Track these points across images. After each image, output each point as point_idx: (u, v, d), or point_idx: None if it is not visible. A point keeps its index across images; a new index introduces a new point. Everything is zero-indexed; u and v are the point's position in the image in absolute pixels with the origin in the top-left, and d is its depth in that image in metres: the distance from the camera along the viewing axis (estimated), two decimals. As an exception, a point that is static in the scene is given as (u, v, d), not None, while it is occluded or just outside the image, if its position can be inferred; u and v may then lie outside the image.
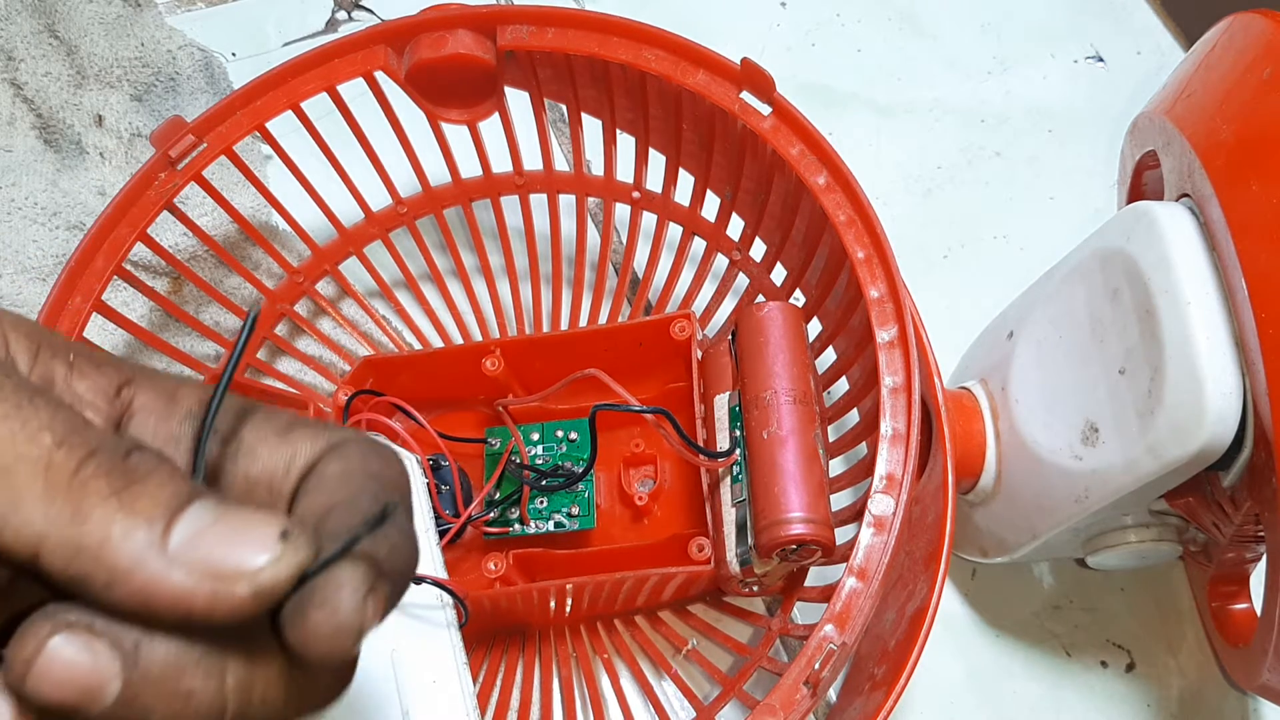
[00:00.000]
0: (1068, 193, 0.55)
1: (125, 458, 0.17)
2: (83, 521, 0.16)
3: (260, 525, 0.17)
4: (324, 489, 0.19)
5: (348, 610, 0.17)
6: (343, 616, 0.17)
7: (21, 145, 0.51)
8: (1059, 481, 0.38)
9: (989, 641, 0.46)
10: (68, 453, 0.16)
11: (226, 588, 0.16)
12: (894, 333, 0.36)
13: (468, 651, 0.34)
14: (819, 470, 0.36)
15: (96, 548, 0.16)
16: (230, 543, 0.16)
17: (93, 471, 0.17)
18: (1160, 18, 0.60)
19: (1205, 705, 0.45)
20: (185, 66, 0.53)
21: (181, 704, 0.17)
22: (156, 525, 0.16)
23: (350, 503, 0.19)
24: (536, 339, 0.44)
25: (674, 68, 0.40)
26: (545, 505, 0.41)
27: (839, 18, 0.59)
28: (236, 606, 0.16)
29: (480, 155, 0.47)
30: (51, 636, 0.16)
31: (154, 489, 0.17)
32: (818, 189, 0.38)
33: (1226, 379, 0.32)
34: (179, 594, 0.16)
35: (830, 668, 0.31)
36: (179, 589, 0.16)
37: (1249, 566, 0.42)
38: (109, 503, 0.16)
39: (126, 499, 0.16)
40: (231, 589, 0.16)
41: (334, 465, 0.19)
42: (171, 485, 0.17)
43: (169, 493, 0.17)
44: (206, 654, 0.17)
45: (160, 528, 0.16)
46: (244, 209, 0.47)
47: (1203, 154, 0.34)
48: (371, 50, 0.42)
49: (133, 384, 0.20)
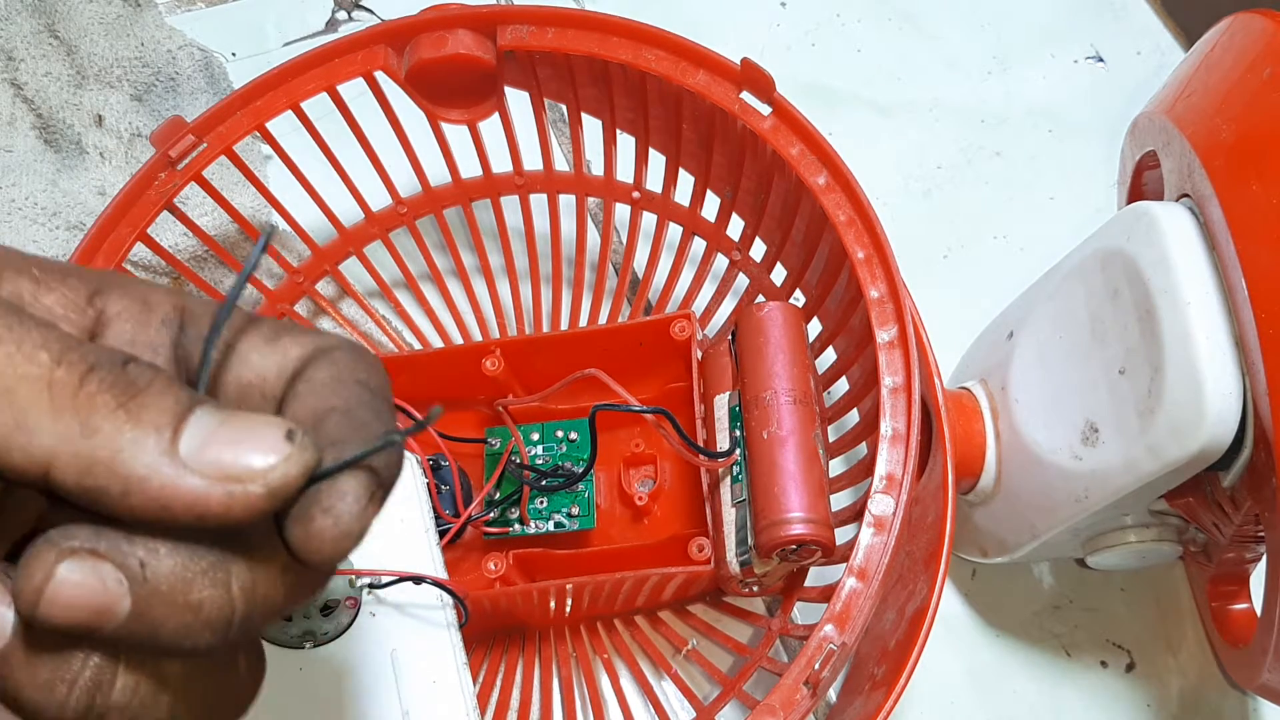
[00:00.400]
0: (1068, 193, 0.55)
1: (124, 369, 0.17)
2: (92, 434, 0.16)
3: (266, 427, 0.17)
4: (316, 393, 0.19)
5: (351, 516, 0.17)
6: (347, 522, 0.17)
7: (21, 145, 0.51)
8: (1059, 481, 0.38)
9: (989, 641, 0.46)
10: (68, 369, 0.17)
11: (241, 488, 0.17)
12: (894, 333, 0.36)
13: (468, 651, 0.34)
14: (819, 470, 0.36)
15: (109, 460, 0.16)
16: (240, 445, 0.17)
17: (96, 386, 0.17)
18: (1160, 18, 0.60)
19: (1205, 705, 0.45)
20: (185, 66, 0.53)
21: (193, 614, 0.17)
22: (165, 433, 0.17)
23: (346, 411, 0.19)
24: (536, 339, 0.44)
25: (674, 68, 0.40)
26: (545, 505, 0.41)
27: (839, 18, 0.59)
28: (251, 505, 0.17)
29: (480, 155, 0.47)
30: (59, 564, 0.16)
31: (156, 398, 0.17)
32: (818, 189, 0.38)
33: (1226, 379, 0.32)
34: (195, 497, 0.16)
35: (830, 668, 0.31)
36: (195, 492, 0.16)
37: (1249, 566, 0.42)
38: (116, 415, 0.16)
39: (133, 410, 0.17)
40: (246, 489, 0.17)
41: (324, 371, 0.20)
42: (172, 393, 0.17)
43: (172, 400, 0.17)
44: (212, 563, 0.17)
45: (169, 435, 0.17)
46: (244, 209, 0.47)
47: (1203, 154, 0.34)
48: (371, 50, 0.42)
49: (103, 293, 0.20)
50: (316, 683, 0.33)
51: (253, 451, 0.17)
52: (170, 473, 0.16)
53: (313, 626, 0.34)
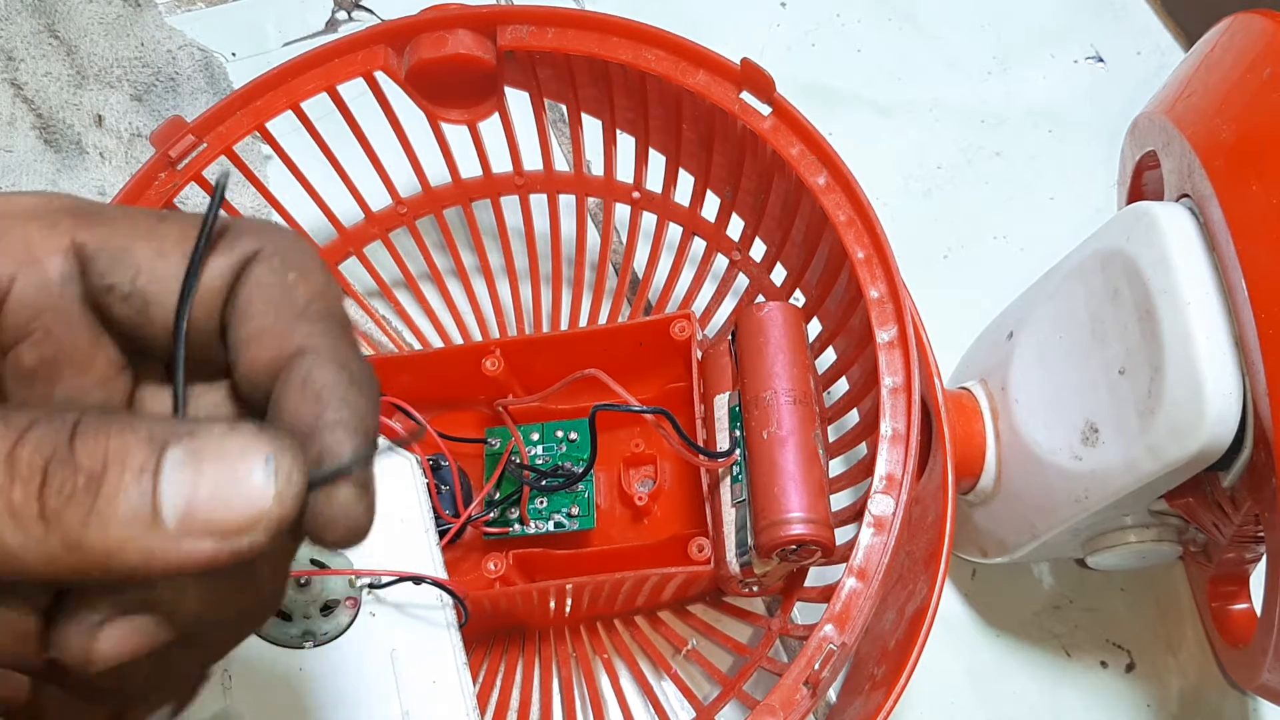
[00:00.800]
0: (1068, 193, 0.55)
1: (73, 452, 0.16)
2: (76, 549, 0.16)
3: (247, 462, 0.16)
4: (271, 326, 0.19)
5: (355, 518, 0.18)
6: (352, 523, 0.18)
7: (21, 145, 0.51)
8: (1059, 482, 0.38)
9: (989, 641, 0.46)
10: (23, 488, 0.16)
11: (242, 540, 0.16)
12: (894, 333, 0.36)
13: (468, 651, 0.34)
14: (819, 470, 0.36)
15: (104, 561, 0.16)
16: (226, 499, 0.16)
17: (57, 500, 0.16)
18: (1160, 18, 0.60)
19: (1205, 705, 0.45)
20: (185, 66, 0.53)
21: (234, 616, 0.18)
22: (143, 512, 0.16)
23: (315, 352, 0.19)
24: (536, 339, 0.44)
25: (674, 68, 0.40)
26: (545, 505, 0.41)
27: (839, 18, 0.59)
28: (255, 548, 0.17)
29: (480, 155, 0.47)
30: (97, 633, 0.17)
31: (120, 474, 0.16)
32: (818, 189, 0.38)
33: (1226, 379, 0.32)
34: (197, 559, 0.16)
35: (830, 668, 0.31)
36: (195, 555, 0.16)
37: (1249, 566, 0.42)
38: (90, 524, 0.16)
39: (104, 508, 0.16)
40: (245, 540, 0.16)
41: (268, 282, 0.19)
42: (138, 454, 0.16)
43: (138, 465, 0.16)
44: (238, 574, 0.17)
45: (148, 513, 0.16)
46: (244, 209, 0.47)
47: (1203, 154, 0.34)
48: (371, 50, 0.42)
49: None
50: (316, 682, 0.33)
51: (242, 503, 0.16)
52: (160, 546, 0.16)
53: (313, 626, 0.34)
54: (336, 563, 0.34)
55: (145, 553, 0.16)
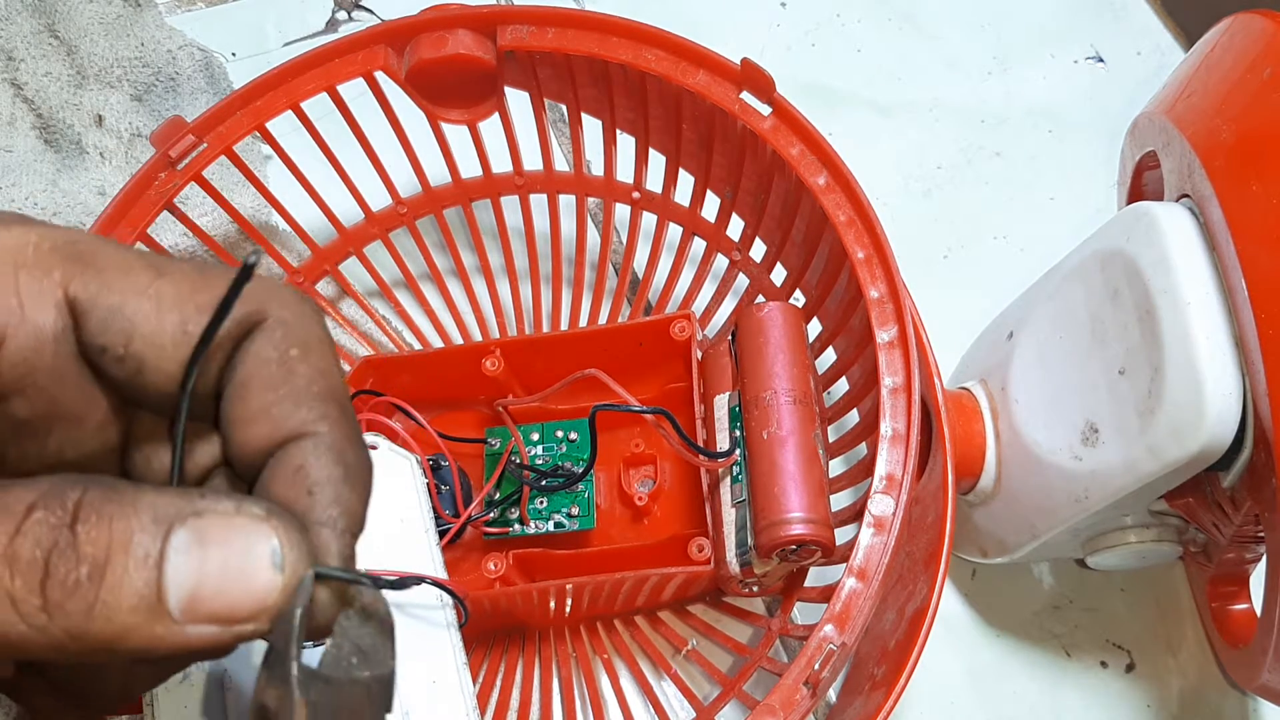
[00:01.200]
0: (1068, 193, 0.55)
1: (75, 540, 0.16)
2: (80, 638, 0.16)
3: (252, 546, 0.16)
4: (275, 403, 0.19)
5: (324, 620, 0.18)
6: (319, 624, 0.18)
7: (21, 145, 0.51)
8: (1059, 482, 0.38)
9: (989, 641, 0.46)
10: (24, 581, 0.15)
11: (246, 626, 0.16)
12: (894, 333, 0.36)
13: (468, 651, 0.34)
14: (819, 470, 0.36)
15: (108, 646, 0.16)
16: (231, 589, 0.16)
17: (60, 592, 0.15)
18: (1160, 18, 0.60)
19: (1205, 705, 0.45)
20: (185, 66, 0.53)
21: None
22: (148, 601, 0.16)
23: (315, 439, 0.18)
24: (536, 339, 0.44)
25: (674, 68, 0.40)
26: (545, 505, 0.41)
27: (839, 18, 0.59)
28: (258, 633, 0.16)
29: (480, 155, 0.47)
30: None
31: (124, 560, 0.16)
32: (818, 189, 0.38)
33: (1226, 380, 0.32)
34: (197, 644, 0.16)
35: (830, 668, 0.31)
36: (197, 639, 0.16)
37: (1249, 567, 0.42)
38: (95, 614, 0.16)
39: (108, 598, 0.16)
40: (249, 626, 0.16)
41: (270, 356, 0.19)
42: (142, 540, 0.16)
43: (143, 553, 0.16)
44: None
45: (153, 600, 0.16)
46: (244, 209, 0.47)
47: (1203, 154, 0.34)
48: (371, 50, 0.42)
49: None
50: (316, 683, 0.33)
51: (248, 592, 0.16)
52: (166, 632, 0.16)
53: (313, 626, 0.34)
54: (336, 563, 0.34)
55: (150, 639, 0.16)
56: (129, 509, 0.16)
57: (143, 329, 0.18)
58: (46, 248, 0.18)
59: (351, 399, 0.20)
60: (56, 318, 0.18)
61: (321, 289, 0.48)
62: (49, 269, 0.18)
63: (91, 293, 0.18)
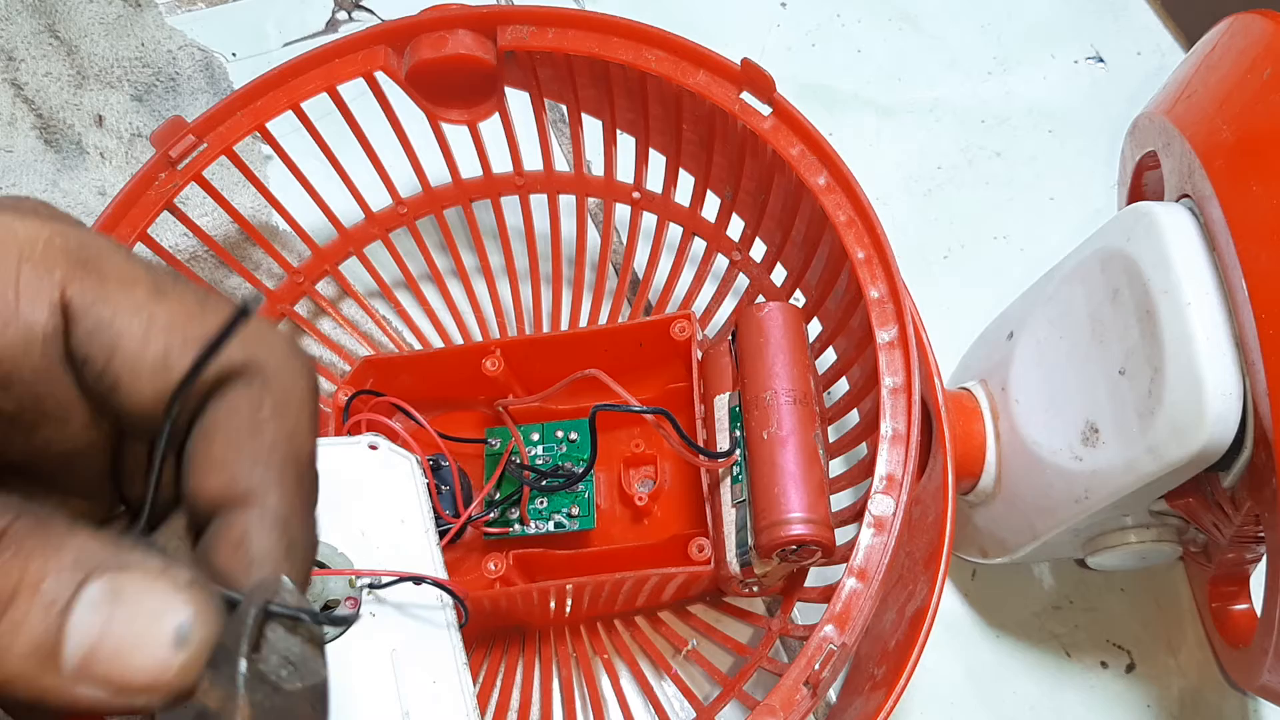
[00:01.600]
0: (1068, 193, 0.55)
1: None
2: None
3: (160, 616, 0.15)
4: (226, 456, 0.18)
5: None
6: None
7: (22, 145, 0.51)
8: (1059, 482, 0.38)
9: (989, 641, 0.46)
10: None
11: (132, 698, 0.15)
12: (894, 333, 0.36)
13: (468, 651, 0.34)
14: (819, 470, 0.36)
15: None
16: (129, 649, 0.15)
17: None
18: (1160, 18, 0.60)
19: (1205, 705, 0.45)
20: (185, 66, 0.53)
21: None
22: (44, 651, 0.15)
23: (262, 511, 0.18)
24: (536, 339, 0.44)
25: (674, 68, 0.40)
26: (545, 505, 0.41)
27: (839, 18, 0.60)
28: (146, 709, 0.16)
29: (480, 155, 0.47)
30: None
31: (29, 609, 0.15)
32: (818, 189, 0.38)
33: (1226, 380, 0.32)
34: (88, 705, 0.15)
35: (830, 668, 0.31)
36: (86, 702, 0.15)
37: (1249, 567, 0.42)
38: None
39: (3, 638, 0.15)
40: (137, 699, 0.15)
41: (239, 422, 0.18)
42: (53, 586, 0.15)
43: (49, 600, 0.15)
44: None
45: (49, 650, 0.15)
46: (244, 209, 0.48)
47: (1203, 154, 0.34)
48: (371, 50, 0.42)
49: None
50: (316, 683, 0.33)
51: (143, 664, 0.15)
52: (54, 686, 0.15)
53: (313, 627, 0.34)
54: (337, 563, 0.34)
55: (36, 690, 0.15)
56: (52, 548, 0.15)
57: (125, 349, 0.18)
58: (56, 245, 0.18)
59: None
60: (49, 318, 0.18)
61: (321, 289, 0.48)
62: (52, 267, 0.18)
63: (88, 300, 0.18)
